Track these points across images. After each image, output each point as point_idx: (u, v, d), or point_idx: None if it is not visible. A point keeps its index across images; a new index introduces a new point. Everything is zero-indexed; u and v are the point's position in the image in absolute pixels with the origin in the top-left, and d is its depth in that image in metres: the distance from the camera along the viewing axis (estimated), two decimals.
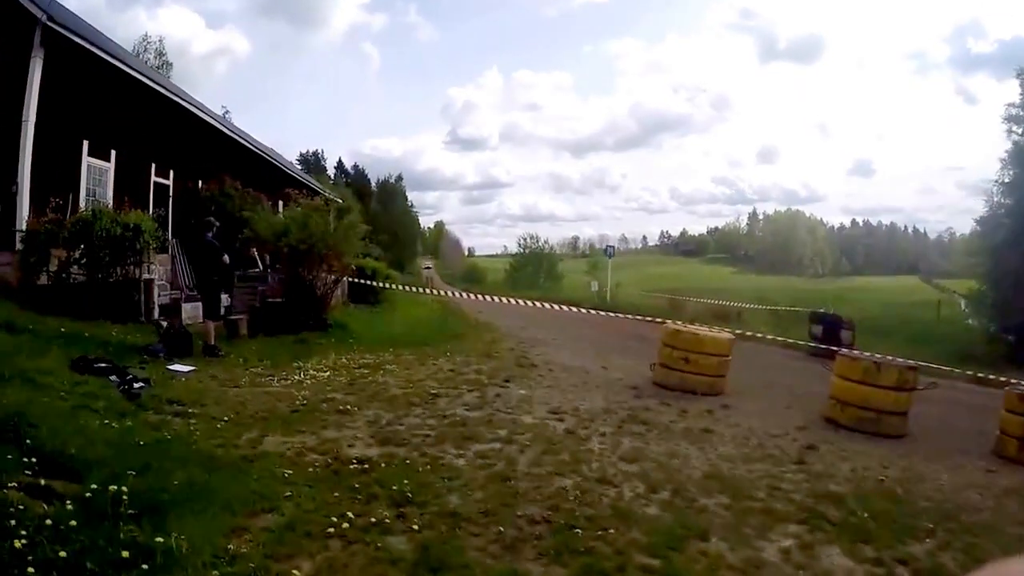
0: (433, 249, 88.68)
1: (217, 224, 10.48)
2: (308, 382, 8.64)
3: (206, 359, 9.49)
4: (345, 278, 13.77)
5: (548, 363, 11.47)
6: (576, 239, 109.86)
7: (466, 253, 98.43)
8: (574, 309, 16.62)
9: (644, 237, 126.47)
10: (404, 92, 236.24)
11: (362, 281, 15.20)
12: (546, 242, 52.77)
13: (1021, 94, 28.15)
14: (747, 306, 26.45)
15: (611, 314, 20.18)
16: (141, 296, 11.04)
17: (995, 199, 29.52)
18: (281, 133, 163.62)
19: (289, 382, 8.57)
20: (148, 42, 41.12)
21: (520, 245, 49.81)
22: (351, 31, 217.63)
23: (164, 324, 10.11)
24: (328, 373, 9.26)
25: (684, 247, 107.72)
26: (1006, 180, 28.94)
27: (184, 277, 13.69)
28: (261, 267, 15.90)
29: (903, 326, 24.60)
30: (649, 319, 16.59)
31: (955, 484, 6.59)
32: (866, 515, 5.25)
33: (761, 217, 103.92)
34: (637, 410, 8.36)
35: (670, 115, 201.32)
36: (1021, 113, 28.22)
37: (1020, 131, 28.15)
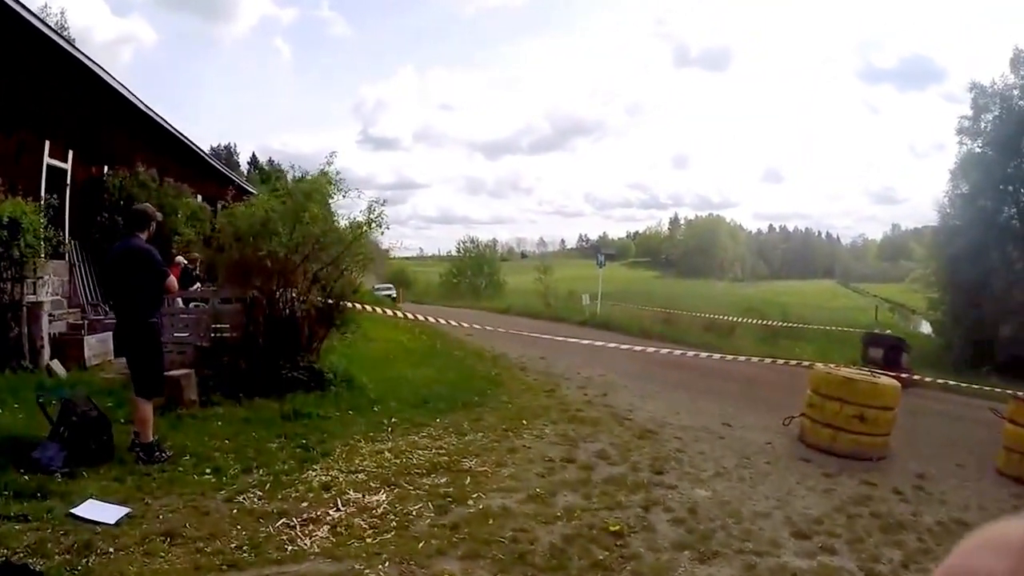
0: None
1: (157, 219, 5.95)
2: (360, 525, 4.61)
3: (142, 472, 5.17)
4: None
5: (661, 424, 8.30)
6: (495, 242, 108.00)
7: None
8: (598, 342, 12.96)
9: (563, 240, 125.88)
10: (316, 88, 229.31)
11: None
12: (488, 245, 49.04)
13: (972, 108, 28.57)
14: (740, 320, 24.08)
15: (627, 338, 16.69)
16: (23, 328, 7.63)
17: (947, 210, 30.36)
18: (190, 126, 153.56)
19: (324, 528, 4.52)
20: (48, 14, 35.18)
21: (460, 249, 45.90)
22: (261, 24, 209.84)
23: (63, 398, 5.54)
24: (384, 495, 5.18)
25: (605, 251, 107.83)
26: (962, 191, 29.27)
27: (86, 292, 9.94)
28: (200, 283, 11.35)
29: (852, 335, 23.61)
30: (689, 351, 14.47)
31: None
32: None
33: (682, 222, 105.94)
34: (862, 499, 6.25)
35: (585, 119, 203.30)
36: (973, 126, 28.62)
37: (971, 143, 28.74)
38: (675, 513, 5.31)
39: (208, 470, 5.28)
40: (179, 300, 8.46)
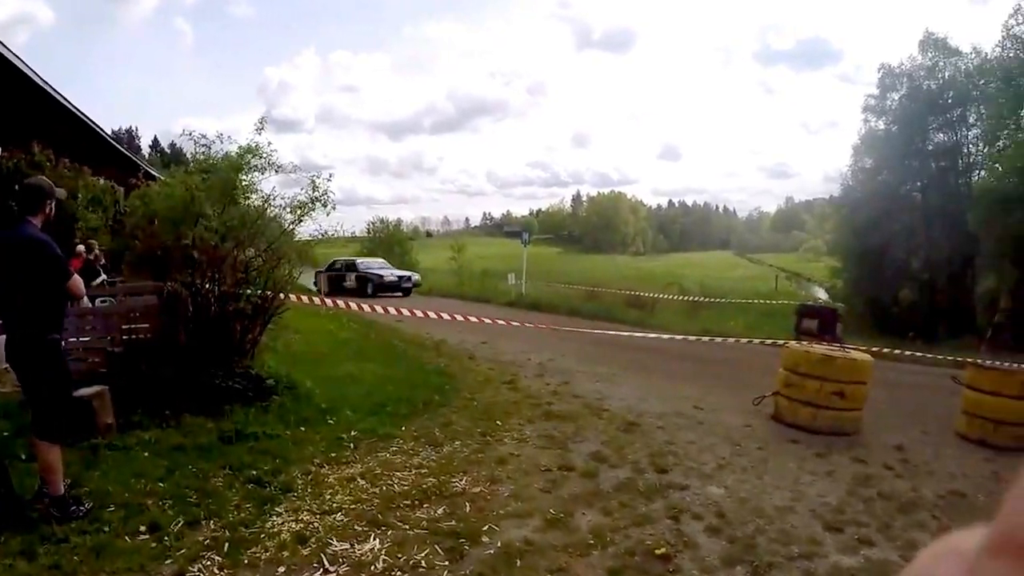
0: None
1: (56, 197, 4.56)
2: None
3: (58, 536, 3.89)
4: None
5: (638, 414, 7.88)
6: (399, 221, 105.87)
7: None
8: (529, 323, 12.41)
9: (467, 219, 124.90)
10: (219, 70, 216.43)
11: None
12: (396, 224, 47.32)
13: (879, 87, 30.57)
14: (660, 296, 24.36)
15: (564, 318, 16.19)
16: None
17: (849, 183, 32.18)
18: (89, 109, 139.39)
19: None
20: None
21: (370, 229, 43.70)
22: (163, 5, 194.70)
23: None
24: (376, 541, 4.18)
25: (509, 229, 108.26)
26: (865, 165, 31.55)
27: None
28: (105, 276, 9.78)
29: (775, 307, 24.55)
30: (623, 330, 14.20)
31: None
32: None
33: (585, 199, 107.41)
34: (864, 480, 6.26)
35: (487, 99, 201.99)
36: (879, 104, 30.63)
37: (875, 120, 30.84)
38: (705, 521, 4.91)
39: (143, 527, 4.08)
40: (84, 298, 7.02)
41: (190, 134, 7.44)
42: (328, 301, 12.07)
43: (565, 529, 4.51)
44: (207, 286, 6.56)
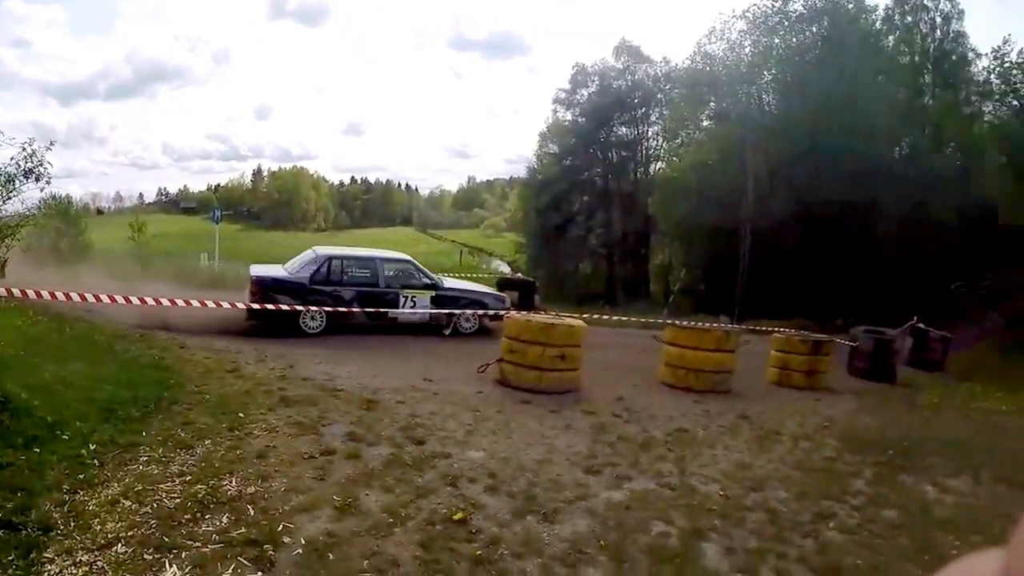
0: None
1: None
2: None
3: None
4: None
5: (374, 391, 8.11)
6: (68, 198, 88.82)
7: None
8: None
9: (141, 195, 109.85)
10: None
11: None
12: (67, 200, 39.81)
13: (571, 83, 35.18)
14: None
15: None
16: None
17: (534, 166, 36.82)
18: None
19: None
20: None
21: (41, 208, 35.77)
22: None
23: None
24: (174, 569, 3.80)
25: (186, 205, 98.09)
26: (552, 151, 36.42)
27: None
28: None
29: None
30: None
31: None
32: None
33: (266, 174, 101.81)
34: (601, 428, 7.52)
35: (168, 65, 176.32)
36: (569, 97, 35.42)
37: (564, 111, 35.59)
38: (481, 482, 5.44)
39: None
40: None
41: None
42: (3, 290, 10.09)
43: (359, 513, 4.64)
44: None
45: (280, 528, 4.29)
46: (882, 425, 9.00)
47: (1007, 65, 37.01)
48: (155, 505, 4.50)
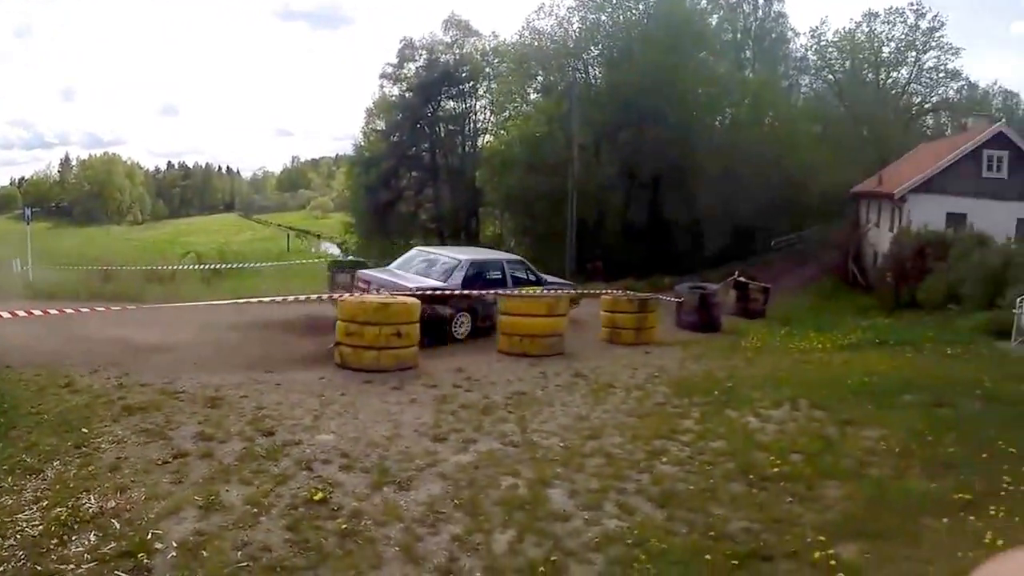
0: None
1: None
2: None
3: None
4: None
5: (215, 388, 7.76)
6: None
7: None
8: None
9: None
10: None
11: None
12: None
13: (399, 57, 35.27)
14: (180, 267, 23.63)
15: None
16: None
17: (361, 143, 36.45)
18: None
19: None
20: None
21: None
22: None
23: None
24: None
25: None
26: (379, 127, 35.71)
27: None
28: None
29: (280, 267, 26.90)
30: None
31: None
32: None
33: (74, 163, 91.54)
34: (437, 400, 7.64)
35: None
36: (396, 72, 35.33)
37: (391, 86, 35.50)
38: (335, 463, 5.46)
39: None
40: None
41: None
42: None
43: (223, 509, 4.52)
44: None
45: (149, 536, 4.17)
46: (708, 369, 9.82)
47: (823, 43, 41.82)
48: (18, 536, 4.16)
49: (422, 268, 13.01)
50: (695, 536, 4.42)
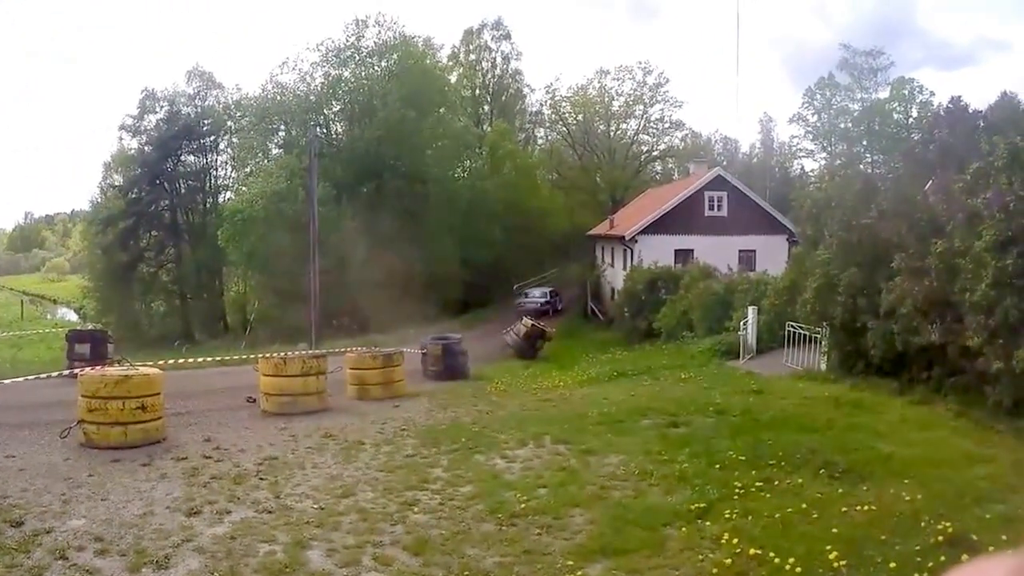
0: None
1: None
2: None
3: None
4: None
5: None
6: None
7: None
8: None
9: None
10: None
11: None
12: None
13: (139, 108, 33.26)
14: None
15: None
16: None
17: (99, 200, 34.22)
18: None
19: None
20: None
21: None
22: None
23: None
24: None
25: None
26: (116, 183, 34.09)
27: None
28: None
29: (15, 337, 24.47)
30: None
31: None
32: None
33: None
34: (196, 471, 7.53)
35: None
36: (136, 124, 33.36)
37: (131, 139, 33.70)
38: (90, 548, 5.36)
39: None
40: None
41: None
42: None
43: None
44: None
45: None
46: (455, 417, 10.55)
47: (557, 98, 45.93)
48: None
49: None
50: None
